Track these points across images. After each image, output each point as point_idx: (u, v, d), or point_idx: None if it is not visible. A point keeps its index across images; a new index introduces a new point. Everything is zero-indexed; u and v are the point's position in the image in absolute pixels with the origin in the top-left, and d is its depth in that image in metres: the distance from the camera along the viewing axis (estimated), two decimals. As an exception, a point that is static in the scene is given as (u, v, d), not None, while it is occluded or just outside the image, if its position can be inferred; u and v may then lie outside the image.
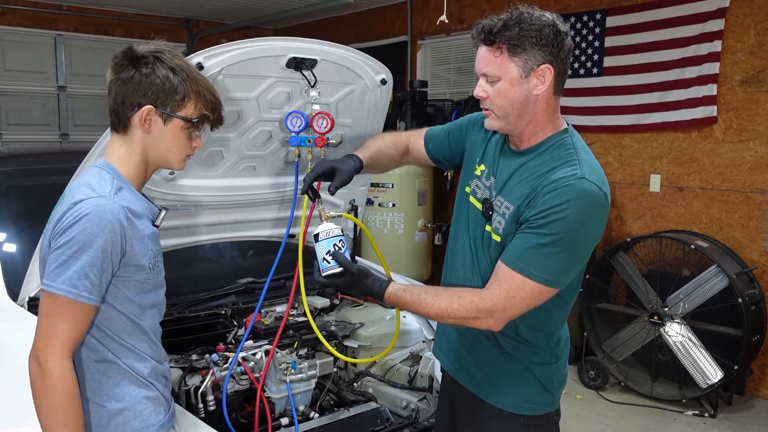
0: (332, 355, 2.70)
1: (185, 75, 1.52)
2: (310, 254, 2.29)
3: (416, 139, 2.11)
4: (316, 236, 1.75)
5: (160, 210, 1.61)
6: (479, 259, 1.78)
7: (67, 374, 1.41)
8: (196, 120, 1.56)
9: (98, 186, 1.45)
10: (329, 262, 1.73)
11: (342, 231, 1.78)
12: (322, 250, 1.74)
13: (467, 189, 1.88)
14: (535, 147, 1.69)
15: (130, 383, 1.53)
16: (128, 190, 1.51)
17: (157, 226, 1.60)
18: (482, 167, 1.83)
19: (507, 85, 1.61)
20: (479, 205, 1.80)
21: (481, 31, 1.60)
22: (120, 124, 1.54)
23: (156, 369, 1.60)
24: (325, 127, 2.37)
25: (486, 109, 1.69)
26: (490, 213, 1.74)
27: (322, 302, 2.84)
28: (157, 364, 1.61)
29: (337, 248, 1.73)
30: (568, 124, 1.75)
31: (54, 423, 1.41)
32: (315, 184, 1.97)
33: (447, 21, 4.40)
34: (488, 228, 1.74)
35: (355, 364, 2.81)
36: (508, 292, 1.60)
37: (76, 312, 1.41)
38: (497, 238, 1.70)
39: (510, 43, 1.57)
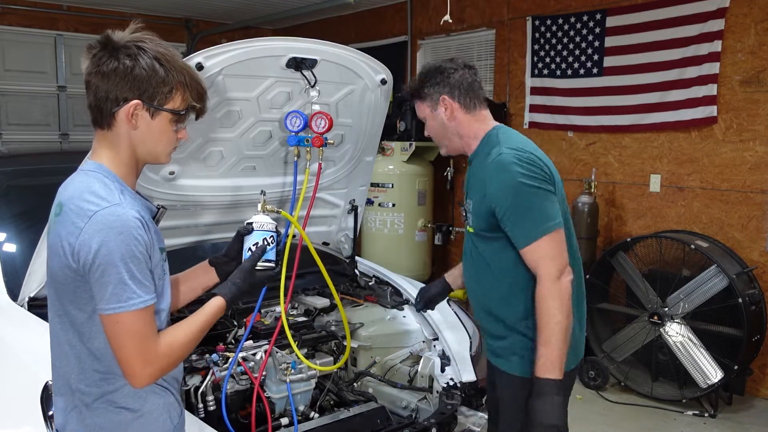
0: (335, 355, 2.70)
1: (171, 65, 1.43)
2: (310, 253, 2.30)
3: None
4: (250, 224, 1.78)
5: (158, 208, 1.57)
6: (473, 258, 2.14)
7: (171, 348, 1.44)
8: (184, 112, 1.48)
9: (105, 193, 1.39)
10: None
11: (275, 228, 1.79)
12: (250, 241, 1.77)
13: None
14: (476, 151, 2.13)
15: (147, 390, 1.49)
16: (127, 192, 1.46)
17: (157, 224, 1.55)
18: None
19: (430, 121, 2.18)
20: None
21: (408, 93, 2.21)
22: (104, 120, 1.44)
23: (171, 373, 1.55)
24: (323, 127, 2.38)
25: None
26: (466, 216, 2.16)
27: (322, 302, 2.84)
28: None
29: (266, 243, 1.76)
30: (499, 124, 2.16)
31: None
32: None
33: (450, 21, 4.41)
34: (469, 229, 2.13)
35: (355, 364, 2.81)
36: (546, 257, 1.90)
37: (148, 315, 1.40)
38: (471, 230, 2.11)
39: (418, 94, 2.17)
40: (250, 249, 1.75)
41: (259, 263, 1.72)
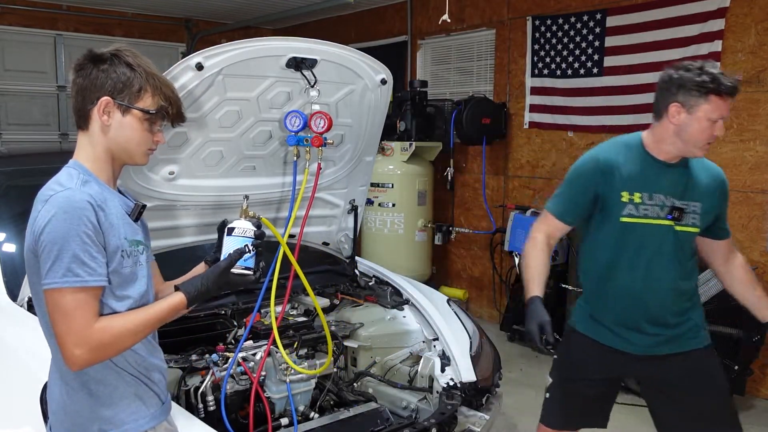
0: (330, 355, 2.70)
1: (142, 69, 1.57)
2: (310, 254, 2.30)
3: (553, 231, 2.35)
4: (231, 230, 1.72)
5: (136, 204, 1.63)
6: (677, 255, 2.26)
7: (103, 333, 1.45)
8: (154, 112, 1.58)
9: (66, 181, 1.50)
10: None
11: (254, 234, 1.73)
12: (230, 245, 1.71)
13: (625, 219, 2.24)
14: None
15: (116, 377, 1.55)
16: (95, 183, 1.53)
17: (135, 220, 1.61)
18: (637, 195, 2.24)
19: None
20: (660, 221, 2.23)
21: (735, 88, 2.13)
22: (82, 120, 1.57)
23: (142, 362, 1.60)
24: (322, 127, 2.38)
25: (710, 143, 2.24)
26: (681, 215, 2.24)
27: (321, 302, 2.84)
28: (146, 357, 1.61)
29: (247, 249, 1.70)
30: None
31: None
32: None
33: (449, 20, 4.40)
34: (679, 228, 2.24)
35: (355, 364, 2.82)
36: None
37: (86, 296, 1.44)
38: (695, 230, 2.27)
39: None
40: (229, 254, 1.70)
41: (237, 268, 1.67)
